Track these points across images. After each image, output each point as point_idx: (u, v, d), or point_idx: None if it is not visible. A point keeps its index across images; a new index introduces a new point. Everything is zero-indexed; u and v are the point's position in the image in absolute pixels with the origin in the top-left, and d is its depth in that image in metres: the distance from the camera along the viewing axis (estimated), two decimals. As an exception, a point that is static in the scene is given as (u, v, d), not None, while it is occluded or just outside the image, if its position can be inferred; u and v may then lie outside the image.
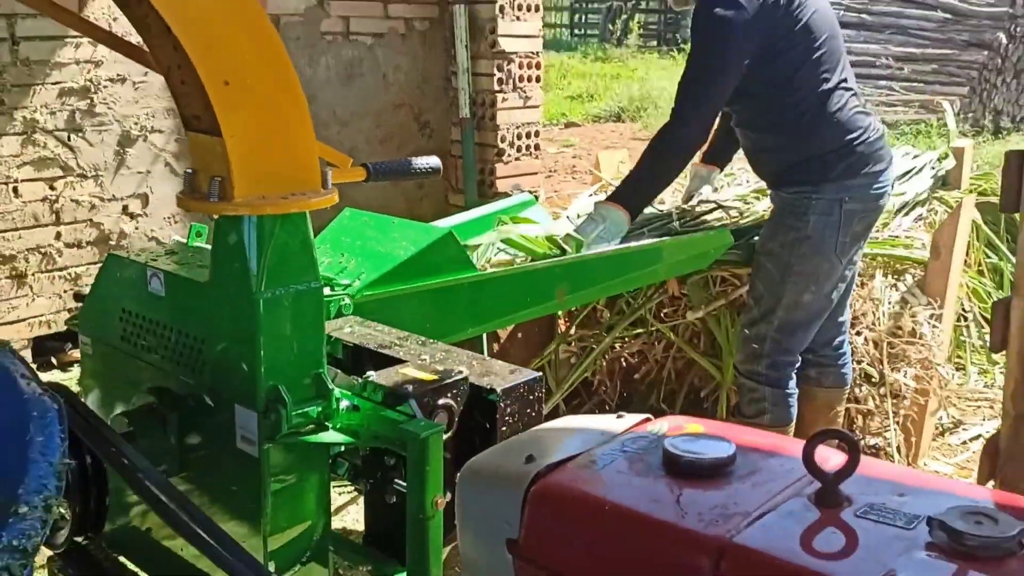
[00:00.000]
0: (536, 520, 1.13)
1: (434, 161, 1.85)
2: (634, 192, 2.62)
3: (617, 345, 3.46)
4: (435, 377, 1.61)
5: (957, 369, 3.96)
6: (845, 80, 2.66)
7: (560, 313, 3.49)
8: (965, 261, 3.86)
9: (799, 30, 2.56)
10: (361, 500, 2.03)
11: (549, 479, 1.15)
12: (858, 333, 3.32)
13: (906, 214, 3.80)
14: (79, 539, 1.67)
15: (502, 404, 1.61)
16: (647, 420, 1.31)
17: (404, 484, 1.54)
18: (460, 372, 1.63)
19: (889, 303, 3.43)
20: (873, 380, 3.29)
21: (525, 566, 1.13)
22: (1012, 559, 0.91)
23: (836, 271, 2.74)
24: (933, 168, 4.13)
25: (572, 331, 3.48)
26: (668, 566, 1.01)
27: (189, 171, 1.52)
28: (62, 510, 1.50)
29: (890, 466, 1.22)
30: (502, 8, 3.25)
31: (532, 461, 1.19)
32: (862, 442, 3.29)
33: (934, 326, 3.37)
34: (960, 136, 6.78)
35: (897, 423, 3.29)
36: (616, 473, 1.15)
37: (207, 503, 1.64)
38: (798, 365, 2.87)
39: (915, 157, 4.10)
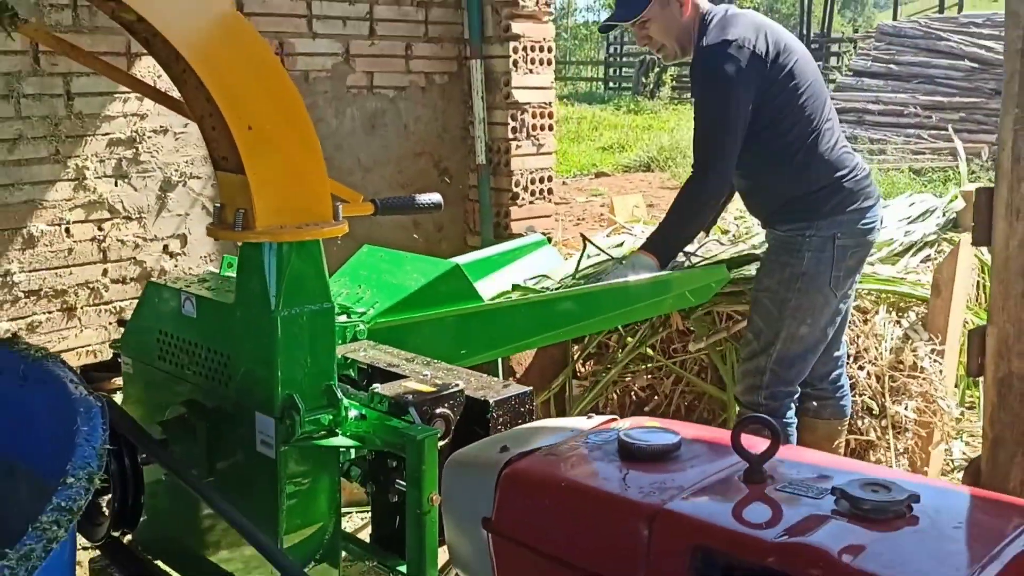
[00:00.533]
0: (506, 499, 1.30)
1: (436, 197, 2.05)
2: (663, 241, 2.83)
3: (627, 379, 3.60)
4: (433, 389, 1.79)
5: (969, 408, 4.03)
6: (830, 120, 2.82)
7: (574, 349, 3.67)
8: (977, 300, 3.96)
9: (786, 76, 2.73)
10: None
11: (518, 465, 1.33)
12: (860, 367, 3.44)
13: (914, 254, 3.93)
14: (116, 534, 1.86)
15: (494, 414, 1.78)
16: (613, 419, 1.48)
17: (404, 484, 1.71)
18: (457, 385, 1.81)
19: (892, 339, 3.55)
20: (874, 412, 3.39)
21: (498, 540, 1.30)
22: (900, 520, 1.07)
23: (831, 305, 2.87)
24: (944, 211, 4.26)
25: (584, 365, 3.64)
26: (612, 531, 1.17)
27: (218, 205, 1.74)
28: (103, 505, 1.70)
29: (817, 452, 1.38)
30: (516, 62, 3.48)
31: (506, 451, 1.37)
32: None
33: (935, 361, 3.48)
34: (988, 182, 6.88)
35: (906, 456, 3.38)
36: (576, 459, 1.32)
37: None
38: (797, 396, 2.99)
39: (911, 204, 4.23)
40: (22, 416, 1.64)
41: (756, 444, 1.23)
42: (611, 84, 27.20)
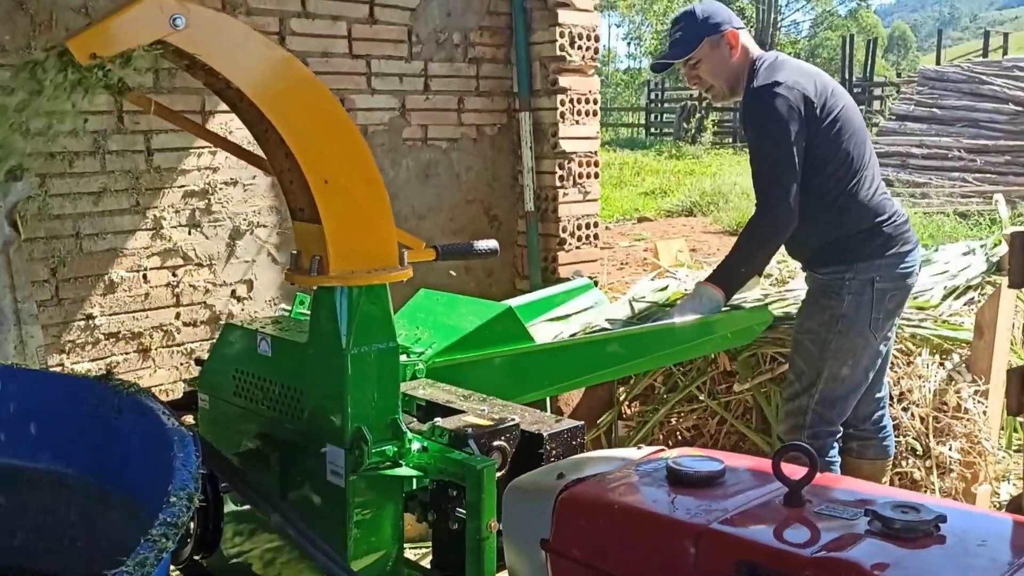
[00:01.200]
0: (563, 521, 1.41)
1: (493, 243, 2.19)
2: (730, 274, 2.90)
3: (673, 419, 3.69)
4: (491, 423, 1.91)
5: (1018, 451, 4.03)
6: (871, 166, 2.90)
7: (619, 391, 3.77)
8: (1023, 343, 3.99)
9: (831, 121, 2.81)
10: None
11: (575, 489, 1.44)
12: (904, 408, 3.49)
13: (957, 297, 3.98)
14: (196, 557, 1.99)
15: (548, 446, 1.90)
16: (661, 450, 1.59)
17: (464, 512, 1.82)
18: (513, 420, 1.93)
19: (935, 380, 3.60)
20: (919, 453, 3.44)
21: (555, 559, 1.41)
22: (928, 538, 1.17)
23: (871, 346, 2.92)
24: (988, 254, 4.32)
25: (629, 406, 3.73)
26: (662, 548, 1.28)
27: (294, 252, 1.89)
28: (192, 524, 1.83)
29: (851, 480, 1.47)
30: (563, 114, 3.64)
31: (562, 477, 1.48)
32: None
33: (979, 402, 3.52)
34: (1027, 225, 6.90)
35: (952, 497, 3.41)
36: (628, 484, 1.43)
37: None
38: (839, 436, 3.05)
39: (947, 261, 4.29)
40: (118, 447, 1.79)
41: (795, 471, 1.33)
42: (652, 130, 27.46)
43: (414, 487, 1.96)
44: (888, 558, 1.11)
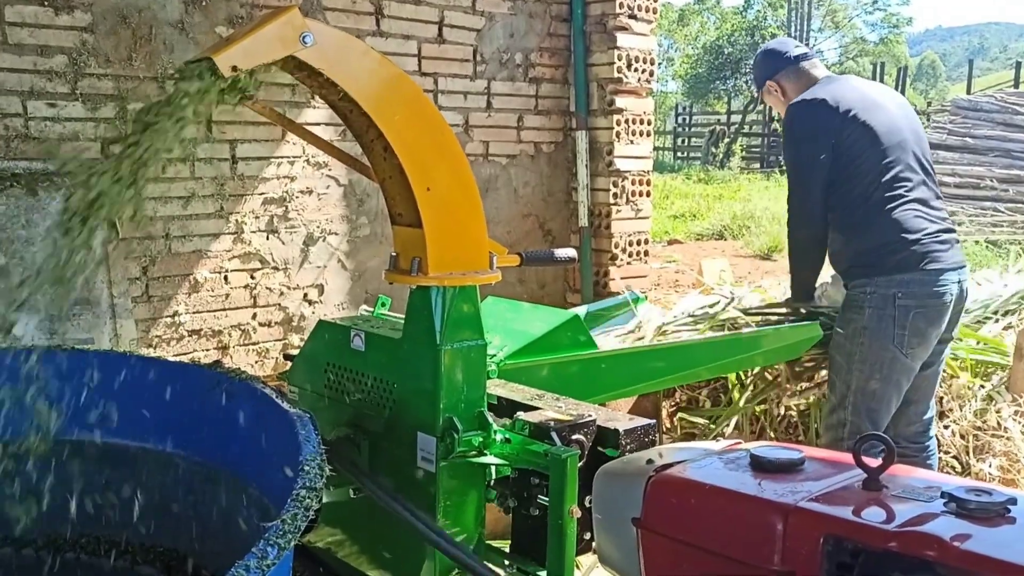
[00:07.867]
0: (654, 500, 1.54)
1: (572, 252, 2.34)
2: (792, 284, 3.25)
3: (716, 432, 3.80)
4: (570, 418, 2.05)
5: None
6: (909, 183, 2.92)
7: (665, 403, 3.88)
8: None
9: (858, 135, 2.91)
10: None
11: (665, 473, 1.57)
12: (945, 426, 3.59)
13: (996, 321, 4.09)
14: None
15: (623, 441, 2.03)
16: (738, 443, 1.72)
17: (546, 500, 1.95)
18: (590, 415, 2.07)
19: (976, 400, 3.70)
20: (959, 470, 3.53)
21: (646, 534, 1.54)
22: (1000, 518, 1.29)
23: (899, 361, 2.95)
24: (1024, 280, 4.42)
25: (671, 419, 3.85)
26: (751, 525, 1.40)
27: (393, 254, 2.04)
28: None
29: (923, 470, 1.59)
30: (618, 134, 3.79)
31: (651, 463, 1.61)
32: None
33: (1018, 421, 3.61)
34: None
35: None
36: (715, 469, 1.56)
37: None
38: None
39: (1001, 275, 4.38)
40: (227, 429, 1.93)
41: (871, 461, 1.46)
42: (679, 153, 27.59)
43: (494, 476, 2.10)
44: (964, 532, 1.23)
